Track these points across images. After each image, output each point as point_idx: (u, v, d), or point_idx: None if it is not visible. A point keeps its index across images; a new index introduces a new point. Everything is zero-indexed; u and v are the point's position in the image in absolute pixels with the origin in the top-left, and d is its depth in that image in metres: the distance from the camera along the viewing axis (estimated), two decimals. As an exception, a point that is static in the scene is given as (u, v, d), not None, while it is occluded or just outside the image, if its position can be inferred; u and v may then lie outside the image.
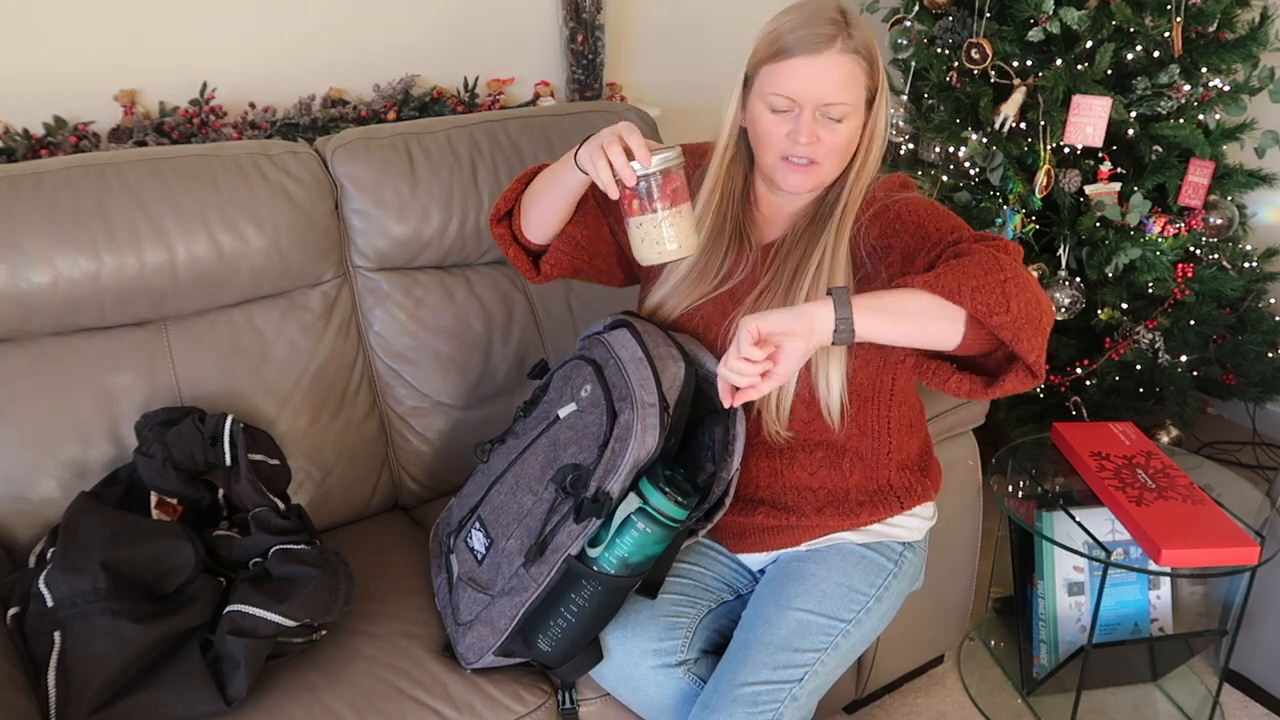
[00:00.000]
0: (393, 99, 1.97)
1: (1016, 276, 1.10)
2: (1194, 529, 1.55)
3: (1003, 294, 1.08)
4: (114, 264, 1.42)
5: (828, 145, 1.20)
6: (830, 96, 1.17)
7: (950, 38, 2.20)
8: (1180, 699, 1.85)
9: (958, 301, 1.09)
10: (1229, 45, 2.04)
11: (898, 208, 1.24)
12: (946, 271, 1.10)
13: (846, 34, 1.17)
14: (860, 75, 1.19)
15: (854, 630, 1.29)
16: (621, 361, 1.24)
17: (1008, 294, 1.08)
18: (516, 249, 1.39)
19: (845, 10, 1.20)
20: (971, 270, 1.09)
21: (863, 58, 1.19)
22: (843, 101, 1.18)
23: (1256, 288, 2.28)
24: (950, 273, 1.09)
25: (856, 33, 1.18)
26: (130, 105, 1.77)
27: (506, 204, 1.37)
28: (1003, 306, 1.08)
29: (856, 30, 1.18)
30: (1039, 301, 1.12)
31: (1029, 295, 1.10)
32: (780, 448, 1.32)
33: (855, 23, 1.19)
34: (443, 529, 1.45)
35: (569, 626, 1.22)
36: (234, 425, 1.40)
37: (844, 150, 1.22)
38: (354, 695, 1.24)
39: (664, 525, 1.19)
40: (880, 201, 1.26)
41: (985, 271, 1.09)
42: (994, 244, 1.15)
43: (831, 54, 1.16)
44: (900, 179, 1.31)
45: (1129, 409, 2.19)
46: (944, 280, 1.09)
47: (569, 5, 2.12)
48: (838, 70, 1.17)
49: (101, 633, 1.15)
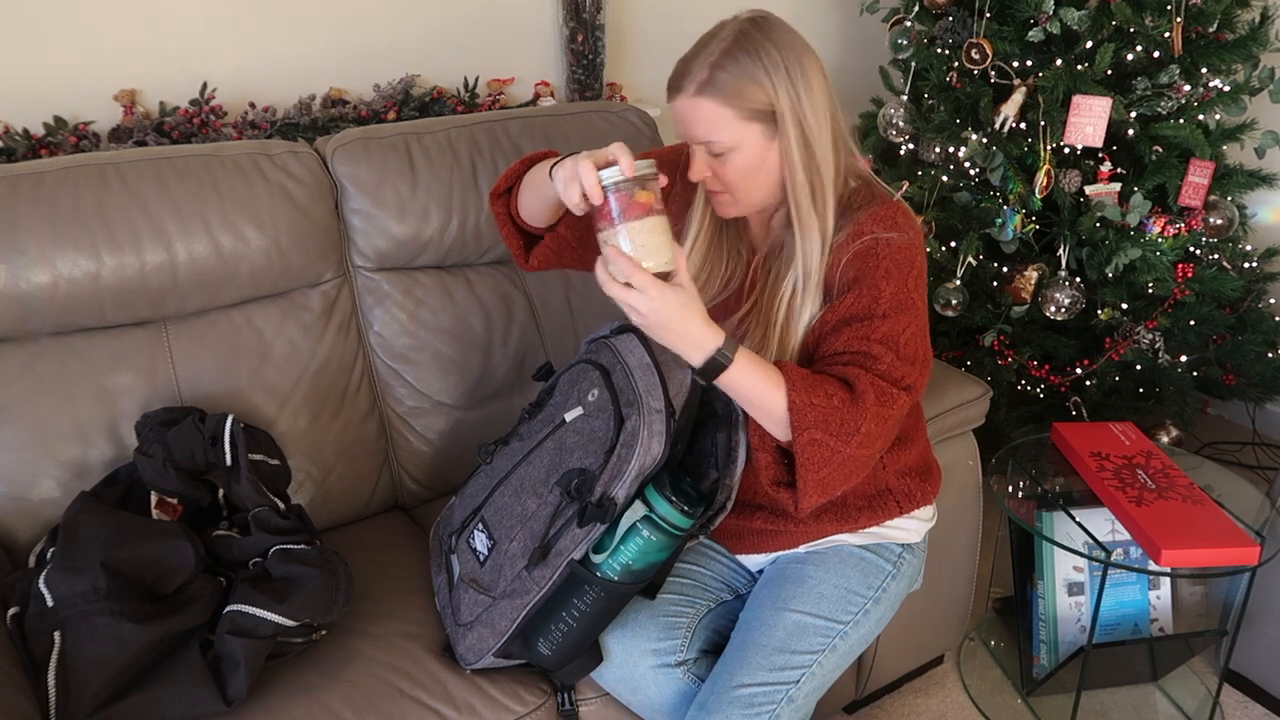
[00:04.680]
0: (393, 99, 1.97)
1: (853, 456, 1.15)
2: (1194, 529, 1.55)
3: (828, 459, 1.15)
4: (114, 264, 1.42)
5: (724, 178, 1.19)
6: (699, 136, 1.17)
7: (950, 38, 2.20)
8: (1180, 699, 1.85)
9: (793, 434, 1.14)
10: (1229, 45, 2.04)
11: (877, 255, 1.19)
12: (814, 408, 1.13)
13: (704, 77, 1.14)
14: (724, 111, 1.14)
15: (851, 632, 1.29)
16: (629, 367, 1.24)
17: (832, 463, 1.15)
18: (510, 228, 1.39)
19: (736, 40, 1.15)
20: (829, 422, 1.13)
21: (725, 95, 1.14)
22: (711, 140, 1.16)
23: (1256, 288, 2.28)
24: (813, 412, 1.13)
25: (721, 73, 1.13)
26: (130, 105, 1.77)
27: (507, 182, 1.37)
28: (818, 467, 1.15)
29: (723, 70, 1.14)
30: (848, 478, 1.18)
31: (845, 472, 1.17)
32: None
33: (727, 61, 1.14)
34: (444, 528, 1.45)
35: (570, 631, 1.22)
36: (234, 425, 1.40)
37: (746, 179, 1.19)
38: (354, 695, 1.24)
39: (669, 533, 1.19)
40: (867, 239, 1.19)
41: (837, 432, 1.13)
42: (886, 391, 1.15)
43: (685, 98, 1.16)
44: (890, 213, 1.21)
45: (1129, 409, 2.19)
46: (803, 413, 1.13)
47: (569, 5, 2.12)
48: (694, 112, 1.16)
49: (101, 633, 1.15)
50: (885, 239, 1.19)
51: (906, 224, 1.21)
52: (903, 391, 1.17)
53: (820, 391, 1.14)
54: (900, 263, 1.19)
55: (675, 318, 1.10)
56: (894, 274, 1.18)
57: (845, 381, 1.16)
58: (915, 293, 1.20)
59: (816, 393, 1.13)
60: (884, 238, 1.19)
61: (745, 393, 1.15)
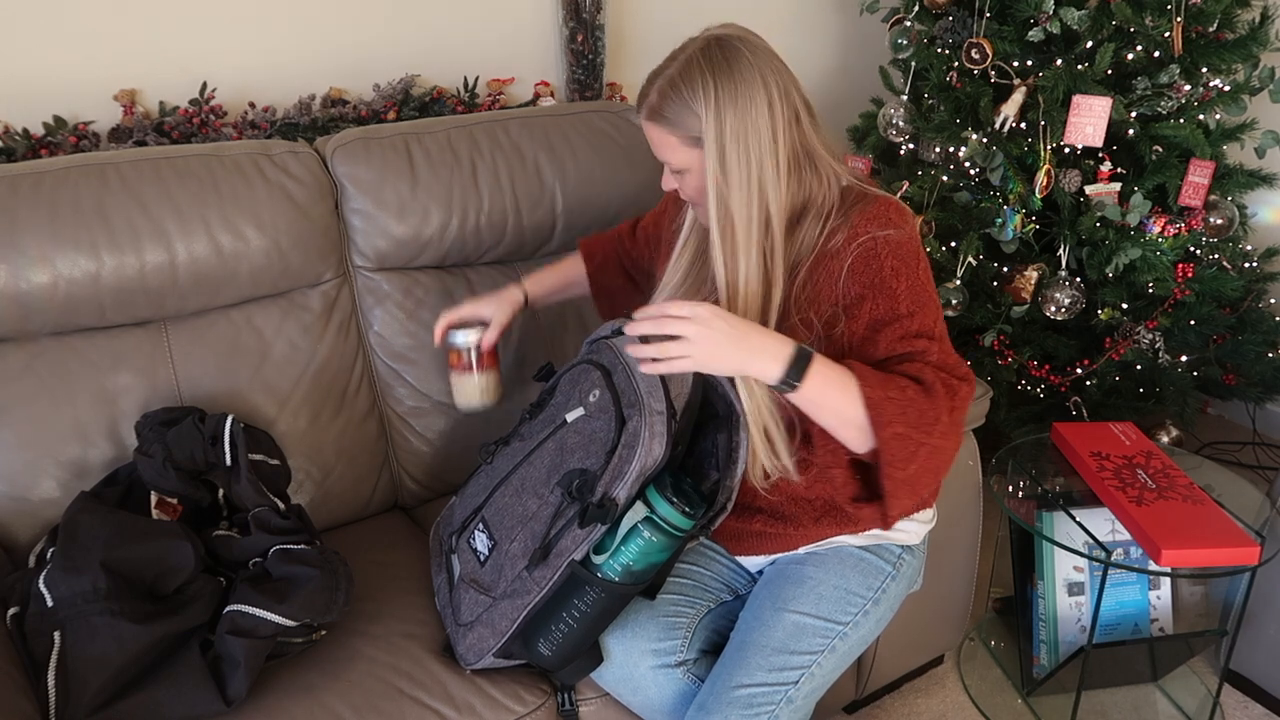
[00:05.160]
0: (393, 99, 1.97)
1: (938, 447, 1.15)
2: (1194, 529, 1.55)
3: (914, 454, 1.15)
4: (114, 264, 1.42)
5: (685, 193, 1.26)
6: (657, 155, 1.24)
7: (950, 38, 2.20)
8: (1180, 699, 1.85)
9: (878, 432, 1.13)
10: (1229, 45, 2.04)
11: (880, 256, 1.18)
12: (891, 401, 1.13)
13: (651, 102, 1.20)
14: (669, 138, 1.19)
15: (851, 633, 1.29)
16: (630, 367, 1.24)
17: (918, 457, 1.15)
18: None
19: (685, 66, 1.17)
20: (908, 414, 1.13)
21: (664, 123, 1.19)
22: (664, 160, 1.23)
23: (1257, 288, 2.28)
24: (891, 404, 1.13)
25: (662, 101, 1.18)
26: (130, 105, 1.77)
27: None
28: (904, 464, 1.15)
29: (664, 99, 1.18)
30: (935, 473, 1.19)
31: (932, 465, 1.17)
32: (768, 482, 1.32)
33: (668, 90, 1.17)
34: (444, 528, 1.45)
35: (570, 631, 1.22)
36: (234, 425, 1.40)
37: (703, 193, 1.21)
38: (354, 695, 1.24)
39: (670, 535, 1.19)
40: (864, 239, 1.19)
41: (917, 424, 1.13)
42: (950, 382, 1.17)
43: (642, 119, 1.22)
44: (884, 210, 1.20)
45: (1129, 409, 2.19)
46: (882, 408, 1.12)
47: (569, 5, 2.12)
48: (649, 133, 1.23)
49: (101, 633, 1.15)
50: (883, 237, 1.19)
51: (900, 219, 1.21)
52: (962, 381, 1.18)
53: (893, 385, 1.14)
54: (905, 258, 1.19)
55: (729, 328, 1.10)
56: (903, 271, 1.19)
57: (910, 377, 1.17)
58: (929, 284, 1.21)
59: (890, 387, 1.13)
60: (881, 236, 1.19)
61: (826, 396, 1.14)
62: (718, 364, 1.12)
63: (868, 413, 1.13)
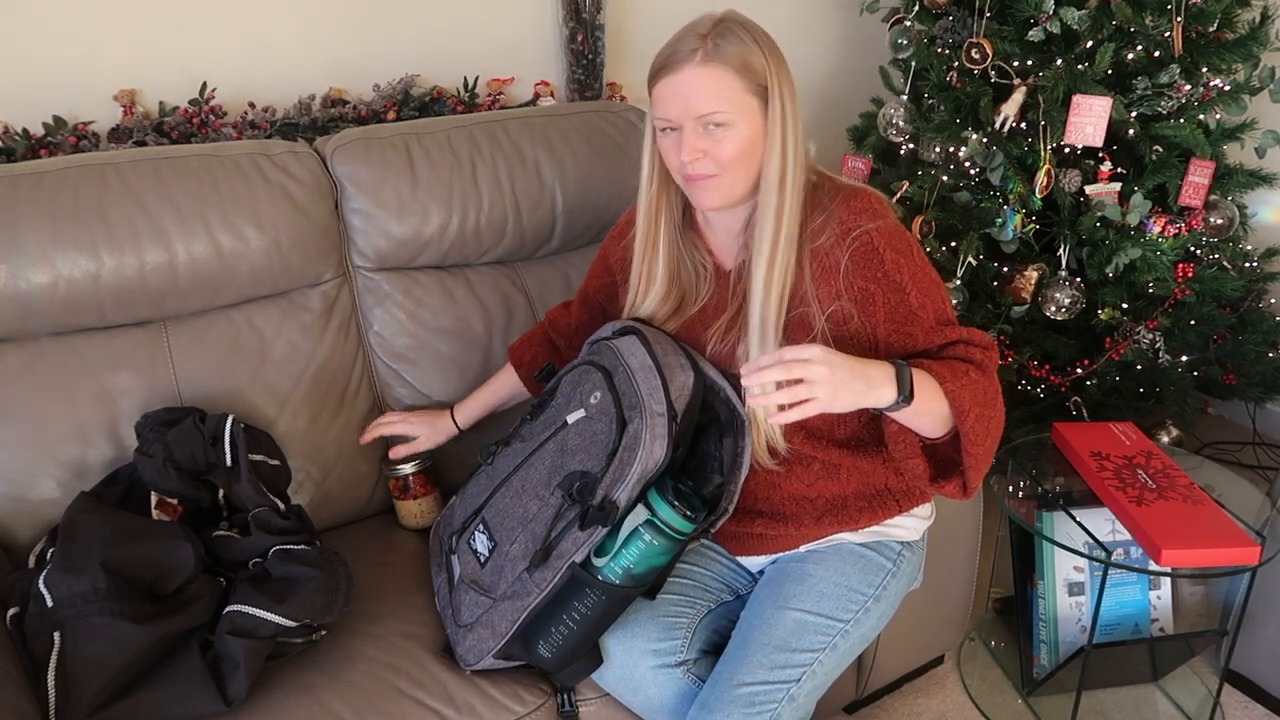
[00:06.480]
0: (393, 99, 1.97)
1: (1000, 414, 1.22)
2: (1194, 529, 1.55)
3: (989, 428, 1.20)
4: (114, 264, 1.42)
5: (718, 156, 1.18)
6: (700, 108, 1.16)
7: (950, 38, 2.20)
8: (1180, 699, 1.85)
9: (960, 421, 1.17)
10: (1229, 45, 2.04)
11: (877, 250, 1.19)
12: (966, 389, 1.16)
13: (709, 45, 1.15)
14: (732, 80, 1.15)
15: (852, 630, 1.29)
16: (631, 369, 1.24)
17: (992, 430, 1.20)
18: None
19: (723, 20, 1.17)
20: (978, 396, 1.17)
21: (732, 64, 1.15)
22: (715, 110, 1.15)
23: (1257, 288, 2.28)
24: (967, 391, 1.16)
25: (723, 41, 1.15)
26: (130, 105, 1.77)
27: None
28: (983, 438, 1.20)
29: (724, 39, 1.15)
30: (997, 438, 1.23)
31: (998, 430, 1.22)
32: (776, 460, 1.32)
33: (725, 31, 1.16)
34: (444, 528, 1.45)
35: (570, 633, 1.22)
36: (234, 425, 1.40)
37: (741, 156, 1.18)
38: (354, 695, 1.24)
39: (671, 538, 1.19)
40: (857, 233, 1.19)
41: (987, 402, 1.18)
42: (990, 355, 1.22)
43: (692, 68, 1.15)
44: (868, 202, 1.22)
45: (1129, 409, 2.19)
46: (960, 397, 1.16)
47: (569, 5, 2.12)
48: (700, 81, 1.15)
49: (101, 633, 1.15)
50: (874, 229, 1.20)
51: (883, 209, 1.23)
52: (991, 349, 1.23)
53: (961, 373, 1.17)
54: (901, 248, 1.21)
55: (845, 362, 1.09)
56: (903, 263, 1.20)
57: (962, 360, 1.21)
58: (927, 264, 1.23)
59: (960, 376, 1.17)
60: (871, 228, 1.20)
61: (928, 402, 1.15)
62: (841, 401, 1.08)
63: (951, 405, 1.16)
